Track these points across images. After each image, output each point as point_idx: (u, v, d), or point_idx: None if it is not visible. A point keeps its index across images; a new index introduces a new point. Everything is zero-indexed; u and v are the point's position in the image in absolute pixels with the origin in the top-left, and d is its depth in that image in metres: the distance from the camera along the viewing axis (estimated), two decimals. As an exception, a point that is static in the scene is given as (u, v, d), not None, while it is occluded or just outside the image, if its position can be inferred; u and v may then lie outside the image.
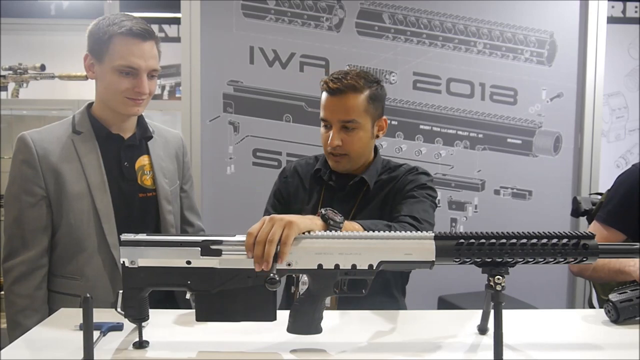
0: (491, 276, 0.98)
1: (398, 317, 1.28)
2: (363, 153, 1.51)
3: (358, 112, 1.44)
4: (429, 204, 1.44)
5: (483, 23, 2.67)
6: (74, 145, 1.49)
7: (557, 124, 2.71)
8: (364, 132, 1.47)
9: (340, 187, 1.53)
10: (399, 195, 1.47)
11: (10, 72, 2.92)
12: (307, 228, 1.04)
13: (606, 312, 1.25)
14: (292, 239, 1.00)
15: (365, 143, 1.49)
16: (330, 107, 1.46)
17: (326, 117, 1.47)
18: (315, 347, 1.07)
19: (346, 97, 1.43)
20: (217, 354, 1.05)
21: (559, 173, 2.72)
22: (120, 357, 1.05)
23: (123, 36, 1.44)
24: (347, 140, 1.45)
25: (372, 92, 1.46)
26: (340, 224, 1.13)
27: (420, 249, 1.00)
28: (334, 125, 1.46)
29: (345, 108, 1.43)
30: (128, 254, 1.03)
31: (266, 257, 0.99)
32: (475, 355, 1.06)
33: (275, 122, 2.62)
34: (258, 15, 2.60)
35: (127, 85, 1.45)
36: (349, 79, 1.43)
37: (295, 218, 1.03)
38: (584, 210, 1.84)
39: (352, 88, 1.42)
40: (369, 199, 1.51)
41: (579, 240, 1.01)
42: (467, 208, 2.72)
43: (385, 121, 1.54)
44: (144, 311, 1.06)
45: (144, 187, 1.56)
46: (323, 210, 1.13)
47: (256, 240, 1.00)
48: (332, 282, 1.02)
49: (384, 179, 1.53)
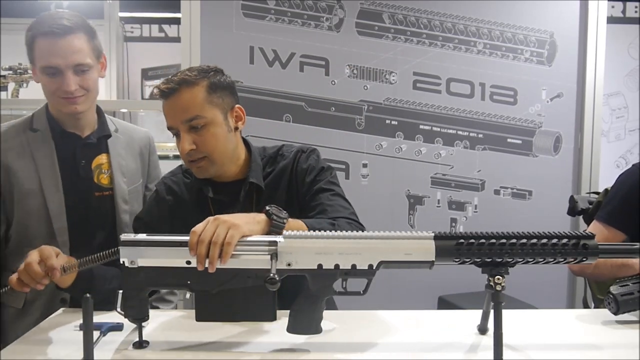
0: (491, 276, 0.98)
1: (398, 317, 1.28)
2: (225, 151, 1.34)
3: (199, 106, 1.28)
4: (339, 189, 1.40)
5: (483, 23, 2.66)
6: (28, 143, 1.49)
7: (557, 124, 2.71)
8: (216, 126, 1.31)
9: (231, 200, 1.38)
10: (307, 192, 1.37)
11: (10, 72, 2.92)
12: (250, 231, 1.05)
13: (606, 304, 1.25)
14: (236, 240, 1.01)
15: (223, 139, 1.33)
16: (169, 111, 1.31)
17: (170, 124, 1.32)
18: (315, 347, 1.07)
19: (181, 95, 1.28)
20: (217, 354, 1.05)
21: (559, 173, 2.72)
22: (120, 357, 1.04)
23: (42, 36, 1.41)
24: (200, 140, 1.30)
25: (211, 81, 1.31)
26: (284, 220, 1.12)
27: (420, 248, 1.00)
28: (181, 129, 1.30)
29: (184, 106, 1.28)
30: (128, 254, 1.03)
31: (211, 260, 1.00)
32: (475, 355, 1.06)
33: (275, 122, 2.62)
34: (258, 15, 2.60)
35: (55, 85, 1.43)
36: (179, 75, 1.30)
37: (239, 220, 1.04)
38: (581, 209, 1.84)
39: (184, 82, 1.28)
40: (266, 202, 1.30)
41: (578, 240, 1.01)
42: (467, 208, 2.72)
43: (241, 109, 1.39)
44: (144, 311, 1.06)
45: (100, 186, 1.55)
46: (268, 206, 1.13)
47: (199, 239, 1.01)
48: (332, 282, 1.02)
49: (274, 173, 1.41)
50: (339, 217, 1.29)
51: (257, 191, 1.39)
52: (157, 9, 3.67)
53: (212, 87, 1.31)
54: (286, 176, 1.41)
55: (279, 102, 2.62)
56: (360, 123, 2.63)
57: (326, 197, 1.35)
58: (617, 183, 1.66)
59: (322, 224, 1.21)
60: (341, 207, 1.34)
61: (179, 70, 1.36)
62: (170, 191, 1.43)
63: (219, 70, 1.37)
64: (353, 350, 1.08)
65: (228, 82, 1.37)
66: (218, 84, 1.33)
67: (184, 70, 1.33)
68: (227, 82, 1.36)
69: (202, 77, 1.31)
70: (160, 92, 1.30)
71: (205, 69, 1.33)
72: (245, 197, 1.38)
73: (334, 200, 1.35)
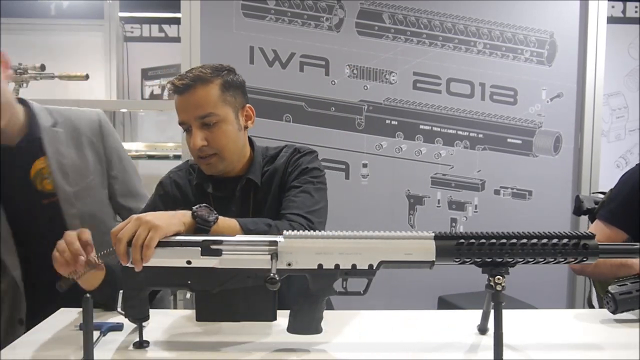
0: (491, 276, 0.98)
1: (398, 317, 1.28)
2: (235, 149, 1.37)
3: (213, 104, 1.31)
4: (313, 187, 1.36)
5: (483, 23, 2.67)
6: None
7: (557, 124, 2.71)
8: (228, 124, 1.34)
9: (228, 195, 1.40)
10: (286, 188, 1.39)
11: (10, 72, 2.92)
12: (173, 231, 1.05)
13: (605, 303, 1.25)
14: (155, 243, 1.01)
15: (234, 137, 1.36)
16: (183, 107, 1.33)
17: (183, 120, 1.34)
18: (315, 347, 1.07)
19: (196, 91, 1.30)
20: (217, 354, 1.05)
21: (559, 173, 2.72)
22: (120, 357, 1.04)
23: None
24: (211, 137, 1.32)
25: (225, 80, 1.34)
26: (210, 223, 1.11)
27: (421, 248, 1.00)
28: (193, 125, 1.32)
29: (198, 102, 1.30)
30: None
31: (134, 262, 1.01)
32: (475, 355, 1.06)
33: (275, 122, 2.62)
34: (258, 15, 2.60)
35: None
36: (194, 72, 1.32)
37: (162, 221, 1.03)
38: (586, 209, 1.83)
39: (200, 80, 1.31)
40: (262, 199, 1.40)
41: (579, 240, 1.01)
42: (467, 208, 2.72)
43: (251, 109, 1.42)
44: (144, 311, 1.06)
45: (45, 193, 1.44)
46: (195, 207, 1.12)
47: (117, 238, 1.02)
48: (332, 282, 1.02)
49: (269, 171, 1.43)
50: (292, 213, 1.29)
51: (254, 188, 1.41)
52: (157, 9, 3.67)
53: (225, 86, 1.34)
54: (279, 174, 1.42)
55: (279, 102, 2.62)
56: (360, 123, 2.63)
57: (293, 193, 1.35)
58: (619, 182, 1.66)
59: (257, 224, 1.20)
60: (302, 204, 1.32)
61: (190, 69, 1.36)
62: (177, 186, 1.45)
63: (232, 69, 1.40)
64: (353, 350, 1.08)
65: (240, 82, 1.40)
66: (231, 83, 1.36)
67: (197, 68, 1.35)
68: (239, 81, 1.40)
69: (216, 75, 1.33)
70: (174, 88, 1.32)
71: (219, 68, 1.36)
72: (242, 194, 1.40)
73: (299, 197, 1.34)
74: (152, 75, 3.61)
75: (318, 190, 1.38)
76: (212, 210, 1.14)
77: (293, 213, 1.29)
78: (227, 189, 1.41)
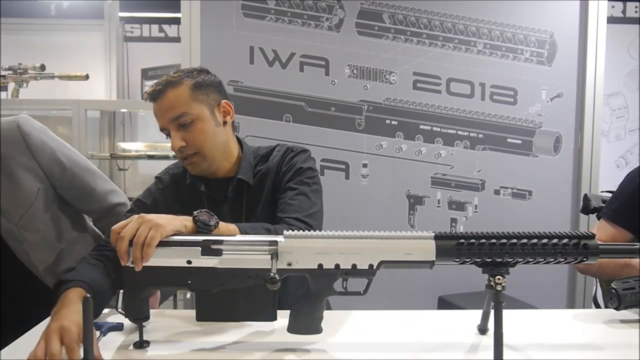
0: (491, 276, 0.98)
1: (398, 317, 1.28)
2: (214, 146, 1.38)
3: (185, 104, 1.33)
4: (309, 189, 1.37)
5: (483, 23, 2.67)
6: None
7: (557, 124, 2.71)
8: (204, 122, 1.35)
9: (221, 196, 1.42)
10: (282, 190, 1.39)
11: (10, 72, 2.92)
12: (174, 231, 1.05)
13: (608, 299, 1.25)
14: (156, 242, 1.01)
15: (212, 134, 1.37)
16: (158, 112, 1.36)
17: (161, 125, 1.37)
18: (315, 347, 1.07)
19: (167, 95, 1.33)
20: (218, 354, 1.05)
21: (559, 173, 2.73)
22: (120, 357, 1.04)
23: None
24: (189, 137, 1.34)
25: (195, 80, 1.36)
26: (211, 227, 1.12)
27: (421, 248, 1.00)
28: (170, 128, 1.35)
29: (170, 105, 1.33)
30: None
31: (134, 261, 1.01)
32: (475, 355, 1.06)
33: (275, 122, 2.62)
34: (258, 15, 2.60)
35: None
36: (165, 78, 1.36)
37: (164, 220, 1.04)
38: (594, 207, 1.84)
39: (170, 84, 1.34)
40: (255, 200, 1.41)
41: (579, 240, 1.01)
42: (467, 208, 2.72)
43: (228, 104, 1.43)
44: (145, 311, 1.06)
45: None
46: (197, 212, 1.13)
47: (119, 236, 1.01)
48: (332, 281, 1.02)
49: (262, 171, 1.43)
50: (289, 217, 1.30)
51: (247, 188, 1.42)
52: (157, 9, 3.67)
53: (196, 85, 1.36)
54: (272, 174, 1.43)
55: (279, 102, 2.62)
56: (360, 123, 2.63)
57: (289, 196, 1.36)
58: (623, 181, 1.66)
59: (257, 229, 1.21)
60: (299, 208, 1.33)
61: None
62: (174, 181, 1.47)
63: (204, 70, 1.42)
64: (353, 350, 1.08)
65: (213, 80, 1.41)
66: (202, 82, 1.38)
67: (169, 74, 1.37)
68: (211, 80, 1.41)
69: (186, 76, 1.36)
70: (148, 96, 1.36)
71: (190, 70, 1.39)
72: (234, 194, 1.41)
73: (296, 200, 1.35)
74: (152, 75, 3.61)
75: (314, 192, 1.39)
76: (212, 215, 1.14)
77: (291, 217, 1.30)
78: (219, 189, 1.42)
